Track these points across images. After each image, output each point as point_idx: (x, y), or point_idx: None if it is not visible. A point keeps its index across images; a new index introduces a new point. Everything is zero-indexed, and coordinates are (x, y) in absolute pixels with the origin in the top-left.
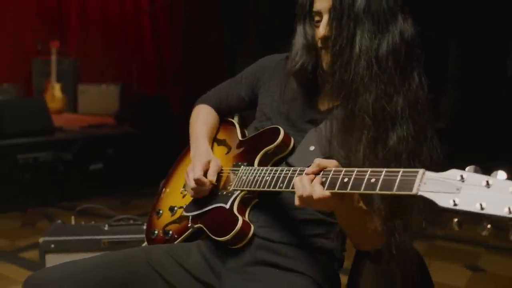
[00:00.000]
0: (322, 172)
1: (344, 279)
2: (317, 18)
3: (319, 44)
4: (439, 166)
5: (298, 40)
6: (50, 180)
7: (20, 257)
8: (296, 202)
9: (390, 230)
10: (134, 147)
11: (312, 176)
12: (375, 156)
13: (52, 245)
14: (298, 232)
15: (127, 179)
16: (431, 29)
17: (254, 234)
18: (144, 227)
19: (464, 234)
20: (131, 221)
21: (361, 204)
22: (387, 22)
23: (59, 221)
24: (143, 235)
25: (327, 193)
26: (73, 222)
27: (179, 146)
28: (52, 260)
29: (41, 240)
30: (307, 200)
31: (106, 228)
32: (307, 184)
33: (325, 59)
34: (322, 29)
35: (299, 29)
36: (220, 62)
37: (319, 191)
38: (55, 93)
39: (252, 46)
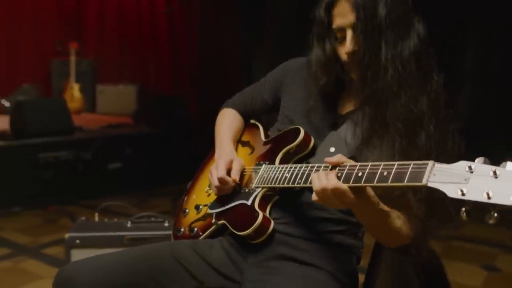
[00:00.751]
0: (338, 167)
1: (361, 277)
2: (339, 35)
3: (346, 59)
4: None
5: (319, 57)
6: (70, 179)
7: (42, 253)
8: (313, 197)
9: (427, 229)
10: (151, 146)
11: (328, 171)
12: (407, 157)
13: (77, 241)
14: (317, 228)
15: (144, 178)
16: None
17: (274, 230)
18: (166, 224)
19: (480, 234)
20: (153, 218)
21: (378, 201)
22: (406, 27)
23: (83, 218)
24: (164, 232)
25: (343, 185)
26: (96, 219)
27: (195, 146)
28: (77, 255)
29: (66, 236)
30: (324, 193)
31: (128, 225)
32: (323, 178)
33: (355, 70)
34: (349, 45)
35: (318, 46)
36: (236, 62)
37: (334, 182)
38: (74, 93)
39: (269, 46)
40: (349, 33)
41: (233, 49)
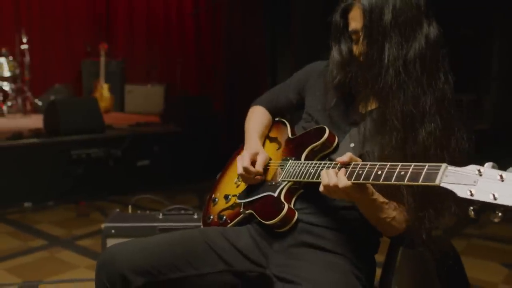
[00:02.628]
0: (350, 165)
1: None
2: (354, 37)
3: (362, 59)
4: (466, 157)
5: (335, 57)
6: (100, 175)
7: (76, 245)
8: (321, 188)
9: (419, 219)
10: (178, 145)
11: (337, 170)
12: (405, 153)
13: (113, 231)
14: (337, 218)
15: (171, 175)
16: (474, 27)
17: (298, 220)
18: (195, 216)
19: (502, 233)
20: (182, 211)
21: (377, 196)
22: (413, 31)
23: (117, 210)
24: (194, 223)
25: (349, 182)
26: (130, 211)
27: (220, 144)
28: (112, 243)
29: (103, 226)
30: (331, 188)
31: (160, 216)
32: (332, 175)
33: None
34: (360, 46)
35: (335, 48)
36: (262, 62)
37: (343, 180)
38: (104, 93)
39: (294, 46)
40: (361, 36)
41: (259, 49)
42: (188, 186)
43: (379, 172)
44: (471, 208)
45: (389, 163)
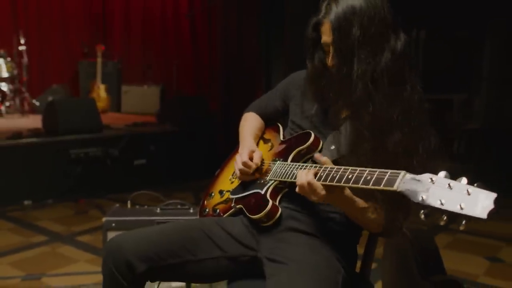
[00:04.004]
0: (320, 167)
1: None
2: (326, 49)
3: (333, 71)
4: (434, 161)
5: (309, 70)
6: (98, 174)
7: (76, 240)
8: (297, 189)
9: (391, 219)
10: (175, 144)
11: (309, 170)
12: (376, 159)
13: (113, 224)
14: (321, 216)
15: (168, 173)
16: (466, 29)
17: (281, 215)
18: (191, 210)
19: (486, 228)
20: (179, 206)
21: (354, 198)
22: (380, 45)
23: (117, 205)
24: (190, 217)
25: (317, 183)
26: (129, 206)
27: (216, 144)
28: (113, 236)
29: (104, 219)
30: (305, 189)
31: (158, 211)
32: (304, 175)
33: None
34: (331, 59)
35: (309, 59)
36: (256, 63)
37: (310, 178)
38: (101, 93)
39: (287, 48)
40: (331, 50)
41: (253, 50)
42: (184, 184)
43: (350, 176)
44: (422, 211)
45: (359, 168)
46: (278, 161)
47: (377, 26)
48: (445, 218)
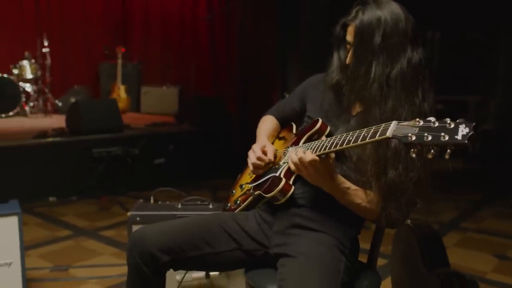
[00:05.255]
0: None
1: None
2: (349, 47)
3: (351, 69)
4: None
5: (334, 61)
6: (120, 172)
7: (100, 235)
8: (291, 166)
9: (383, 209)
10: (193, 143)
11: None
12: (378, 154)
13: (137, 218)
14: (327, 200)
15: (186, 172)
16: (480, 31)
17: (293, 193)
18: (210, 206)
19: (496, 227)
20: (198, 202)
21: (344, 182)
22: (398, 54)
23: (141, 200)
24: (209, 213)
25: (315, 156)
26: (152, 201)
27: (233, 144)
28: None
29: (129, 214)
30: (298, 165)
31: (179, 206)
32: (300, 151)
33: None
34: (350, 57)
35: (336, 53)
36: (273, 65)
37: (309, 155)
38: (121, 94)
39: (303, 49)
40: (351, 50)
41: (270, 52)
42: (201, 183)
43: (350, 138)
44: (412, 150)
45: (357, 131)
46: (290, 148)
47: (397, 37)
48: (432, 151)
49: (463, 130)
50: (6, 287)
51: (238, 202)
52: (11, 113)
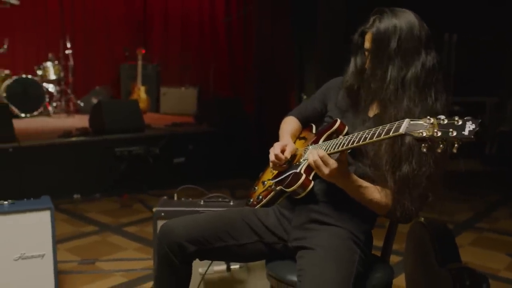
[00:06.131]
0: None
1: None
2: (367, 53)
3: (369, 73)
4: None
5: (350, 67)
6: (141, 171)
7: (124, 231)
8: (311, 162)
9: (397, 202)
10: (211, 143)
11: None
12: (393, 151)
13: (162, 214)
14: (342, 198)
15: (205, 172)
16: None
17: (313, 188)
18: (231, 203)
19: (509, 228)
20: (220, 199)
21: (357, 179)
22: (412, 58)
23: (165, 197)
24: (230, 209)
25: (325, 153)
26: (175, 198)
27: (250, 144)
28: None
29: (154, 209)
30: (316, 162)
31: (201, 203)
32: (311, 152)
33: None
34: (368, 62)
35: (352, 59)
36: (290, 67)
37: (321, 151)
38: (141, 94)
39: (320, 52)
40: (369, 56)
41: (287, 54)
42: (220, 182)
43: (366, 136)
44: (423, 145)
45: (372, 129)
46: (310, 146)
47: (412, 43)
48: (441, 146)
49: (470, 126)
50: (39, 277)
51: (260, 197)
52: (35, 113)
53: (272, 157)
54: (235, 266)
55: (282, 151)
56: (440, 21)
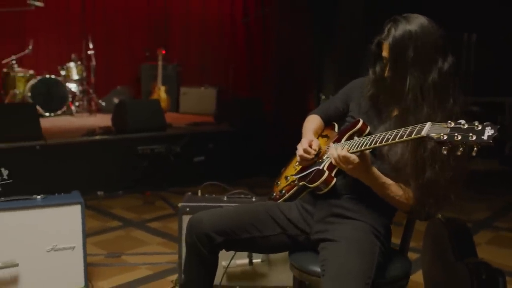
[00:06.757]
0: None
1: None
2: (385, 62)
3: (388, 81)
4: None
5: (370, 76)
6: (163, 168)
7: (147, 226)
8: (333, 161)
9: (421, 205)
10: (231, 142)
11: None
12: (416, 157)
13: (187, 209)
14: (363, 193)
15: (225, 170)
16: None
17: (335, 184)
18: (253, 199)
19: None
20: (242, 196)
21: (380, 176)
22: (429, 66)
23: (189, 193)
24: (254, 203)
25: (347, 153)
26: (199, 194)
27: (269, 143)
28: (187, 219)
29: (179, 205)
30: (338, 159)
31: (225, 198)
32: (334, 149)
33: None
34: (386, 71)
35: (371, 69)
36: (308, 67)
37: (344, 151)
38: (161, 94)
39: (339, 53)
40: (388, 64)
41: (306, 55)
42: (239, 180)
43: (388, 136)
44: (444, 147)
45: (395, 130)
46: (333, 144)
47: (428, 49)
48: (461, 149)
49: (489, 131)
50: (70, 268)
51: (283, 191)
52: (59, 112)
53: (300, 151)
54: (256, 259)
55: (309, 146)
56: (459, 21)
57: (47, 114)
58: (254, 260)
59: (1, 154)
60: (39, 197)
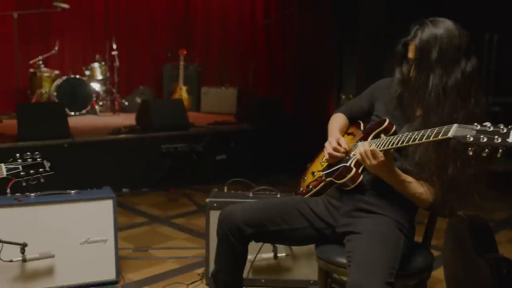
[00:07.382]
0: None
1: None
2: (410, 63)
3: (413, 81)
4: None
5: (397, 76)
6: (186, 167)
7: (172, 222)
8: (358, 156)
9: (444, 201)
10: (252, 141)
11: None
12: (439, 154)
13: (215, 204)
14: (388, 190)
15: (246, 168)
16: None
17: (362, 181)
18: (278, 195)
19: None
20: (267, 192)
21: (401, 174)
22: (452, 66)
23: (216, 190)
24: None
25: (374, 147)
26: (225, 190)
27: (290, 142)
28: (214, 214)
29: (207, 200)
30: (364, 154)
31: (250, 195)
32: (366, 144)
33: None
34: (412, 71)
35: (398, 68)
36: (329, 68)
37: (367, 147)
38: (182, 94)
39: (360, 54)
40: (414, 65)
41: (327, 55)
42: (260, 178)
43: (415, 136)
44: (470, 149)
45: (422, 131)
46: (359, 142)
47: (452, 51)
48: (487, 150)
49: None
50: (102, 260)
51: (310, 187)
52: (83, 111)
53: (329, 149)
54: (281, 254)
55: (338, 144)
56: (481, 21)
57: (72, 113)
58: (278, 254)
59: (32, 151)
60: (73, 192)
